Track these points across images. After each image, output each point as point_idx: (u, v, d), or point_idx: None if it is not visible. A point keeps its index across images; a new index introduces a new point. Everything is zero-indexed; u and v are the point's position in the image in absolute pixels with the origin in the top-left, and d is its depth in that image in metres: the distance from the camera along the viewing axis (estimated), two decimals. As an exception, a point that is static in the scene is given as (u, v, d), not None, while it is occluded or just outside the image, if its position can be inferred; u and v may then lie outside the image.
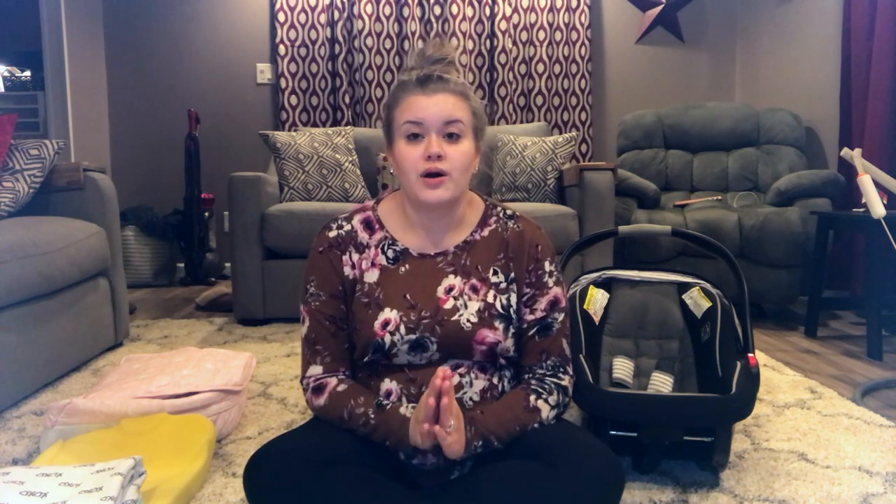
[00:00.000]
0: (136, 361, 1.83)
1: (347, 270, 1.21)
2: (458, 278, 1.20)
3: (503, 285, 1.21)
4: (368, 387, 1.20)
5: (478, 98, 1.20)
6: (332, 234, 1.23)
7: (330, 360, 1.21)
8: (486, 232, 1.24)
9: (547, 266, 1.23)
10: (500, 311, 1.18)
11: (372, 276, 1.20)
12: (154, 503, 1.22)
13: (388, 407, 1.12)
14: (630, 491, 1.34)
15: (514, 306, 1.21)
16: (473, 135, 1.17)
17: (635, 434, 1.33)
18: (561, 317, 1.23)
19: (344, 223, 1.24)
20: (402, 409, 1.11)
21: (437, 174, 1.12)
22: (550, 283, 1.23)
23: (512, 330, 1.20)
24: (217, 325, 2.80)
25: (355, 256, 1.22)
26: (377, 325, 1.16)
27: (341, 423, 1.15)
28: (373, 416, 1.11)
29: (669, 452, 1.38)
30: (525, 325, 1.22)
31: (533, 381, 1.19)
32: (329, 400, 1.17)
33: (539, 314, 1.21)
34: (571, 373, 1.24)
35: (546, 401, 1.17)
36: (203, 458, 1.37)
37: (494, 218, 1.26)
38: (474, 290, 1.19)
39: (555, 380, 1.20)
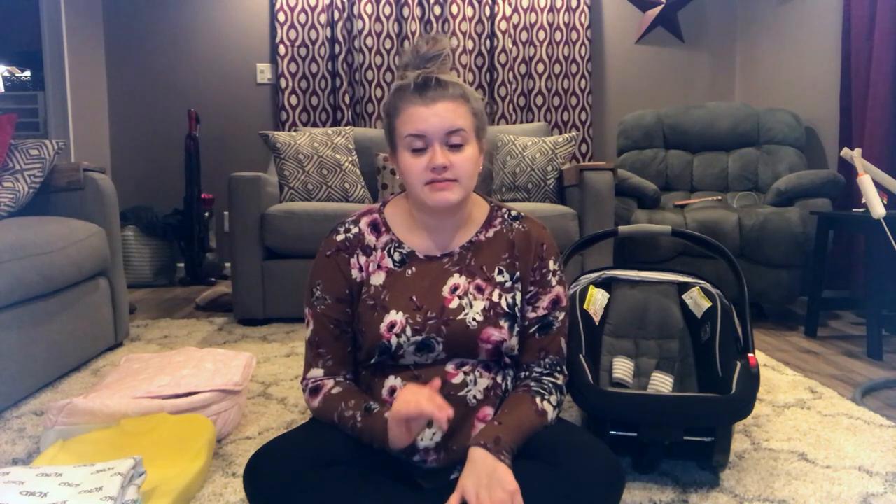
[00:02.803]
0: (136, 361, 1.83)
1: (355, 273, 1.21)
2: (463, 278, 1.20)
3: (508, 284, 1.21)
4: (373, 385, 1.20)
5: (477, 96, 1.19)
6: (340, 237, 1.23)
7: (332, 363, 1.21)
8: (490, 233, 1.24)
9: (551, 265, 1.24)
10: (506, 309, 1.19)
11: (378, 279, 1.20)
12: (154, 503, 1.22)
13: (375, 411, 1.11)
14: (630, 491, 1.34)
15: (519, 305, 1.21)
16: (476, 137, 1.17)
17: (635, 434, 1.33)
18: (562, 316, 1.24)
19: (351, 226, 1.24)
20: (387, 414, 1.10)
21: (443, 180, 1.12)
22: (553, 281, 1.23)
23: (517, 328, 1.20)
24: (217, 325, 2.80)
25: (363, 259, 1.22)
26: (383, 327, 1.16)
27: (334, 425, 1.15)
28: (359, 419, 1.11)
29: (669, 452, 1.38)
30: (526, 323, 1.22)
31: (532, 383, 1.19)
32: (322, 402, 1.17)
33: (541, 312, 1.22)
34: (566, 372, 1.25)
35: (549, 402, 1.17)
36: (203, 458, 1.37)
37: (499, 219, 1.26)
38: (479, 289, 1.19)
39: (551, 379, 1.21)
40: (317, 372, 1.21)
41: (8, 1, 4.87)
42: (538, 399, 1.16)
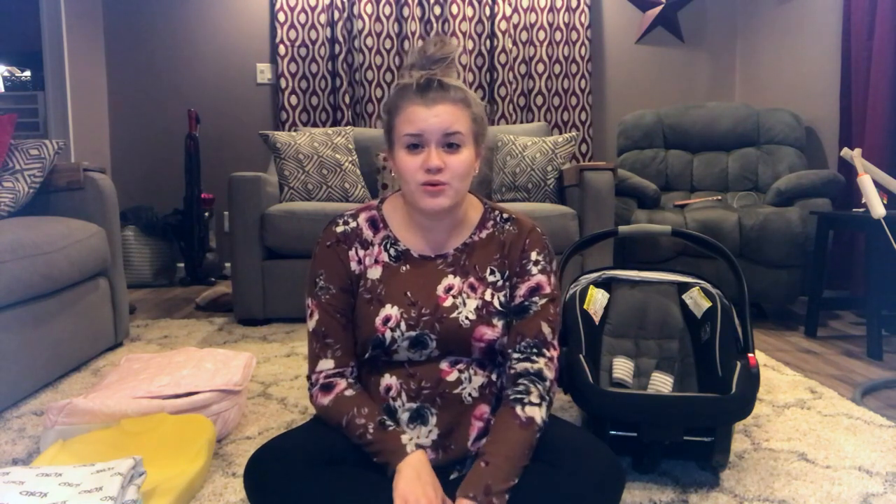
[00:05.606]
0: (136, 361, 1.83)
1: (354, 266, 1.22)
2: (457, 278, 1.21)
3: (500, 283, 1.21)
4: (368, 384, 1.20)
5: (479, 102, 1.19)
6: (339, 229, 1.23)
7: (341, 353, 1.20)
8: (483, 234, 1.25)
9: (533, 256, 1.22)
10: (499, 308, 1.19)
11: (375, 273, 1.21)
12: (154, 503, 1.22)
13: (391, 429, 1.11)
14: (630, 491, 1.34)
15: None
16: (474, 141, 1.17)
17: (635, 434, 1.33)
18: (542, 301, 1.20)
19: (350, 220, 1.25)
20: (404, 438, 1.10)
21: (437, 184, 1.12)
22: (534, 270, 1.21)
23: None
24: (217, 325, 2.80)
25: (361, 252, 1.22)
26: (378, 321, 1.16)
27: (338, 427, 1.14)
28: (371, 431, 1.10)
29: (669, 452, 1.38)
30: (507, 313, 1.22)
31: (509, 389, 1.16)
32: (334, 402, 1.16)
33: (518, 300, 1.20)
34: (551, 354, 1.19)
35: (531, 403, 1.12)
36: (203, 458, 1.37)
37: (492, 221, 1.26)
38: (472, 288, 1.20)
39: (527, 365, 1.16)
40: (327, 363, 1.19)
41: (8, 1, 4.87)
42: (518, 409, 1.11)
